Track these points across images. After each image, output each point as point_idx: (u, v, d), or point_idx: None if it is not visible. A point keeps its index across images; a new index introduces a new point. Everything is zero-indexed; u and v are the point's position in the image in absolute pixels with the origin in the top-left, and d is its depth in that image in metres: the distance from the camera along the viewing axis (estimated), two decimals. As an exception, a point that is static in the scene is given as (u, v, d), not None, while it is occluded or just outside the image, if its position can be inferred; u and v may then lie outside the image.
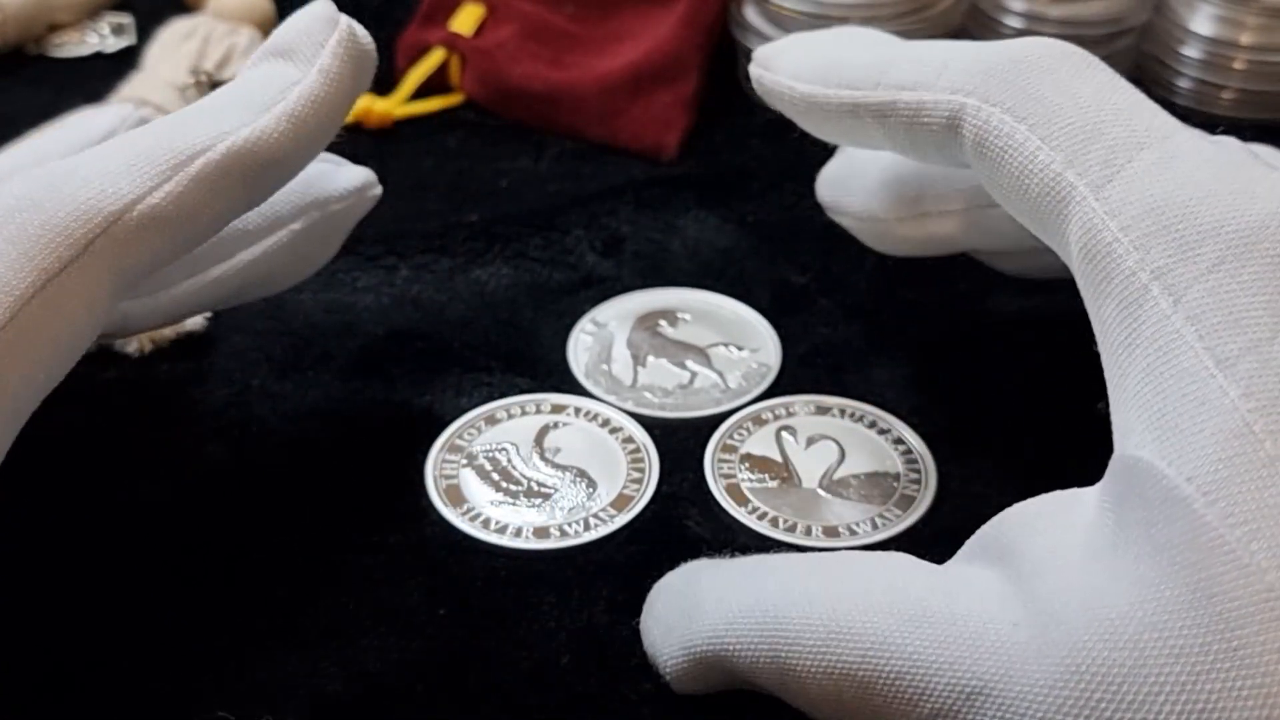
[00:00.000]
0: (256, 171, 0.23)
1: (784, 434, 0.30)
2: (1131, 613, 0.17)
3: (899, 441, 0.29)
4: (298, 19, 0.25)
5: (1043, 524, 0.20)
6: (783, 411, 0.30)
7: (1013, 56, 0.23)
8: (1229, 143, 0.22)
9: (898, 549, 0.22)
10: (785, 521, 0.27)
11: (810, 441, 0.29)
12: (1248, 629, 0.16)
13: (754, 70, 0.28)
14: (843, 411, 0.30)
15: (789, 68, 0.27)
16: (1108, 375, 0.21)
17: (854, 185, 0.30)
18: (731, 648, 0.21)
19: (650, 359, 0.32)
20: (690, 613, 0.22)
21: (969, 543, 0.21)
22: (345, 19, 0.25)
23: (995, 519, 0.21)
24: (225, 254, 0.27)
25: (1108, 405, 0.21)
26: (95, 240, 0.21)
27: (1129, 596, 0.18)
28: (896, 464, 0.29)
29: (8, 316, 0.20)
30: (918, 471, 0.28)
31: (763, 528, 0.27)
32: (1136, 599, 0.17)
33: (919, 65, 0.24)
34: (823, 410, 0.30)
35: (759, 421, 0.30)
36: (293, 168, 0.24)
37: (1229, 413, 0.18)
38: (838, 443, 0.29)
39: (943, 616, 0.19)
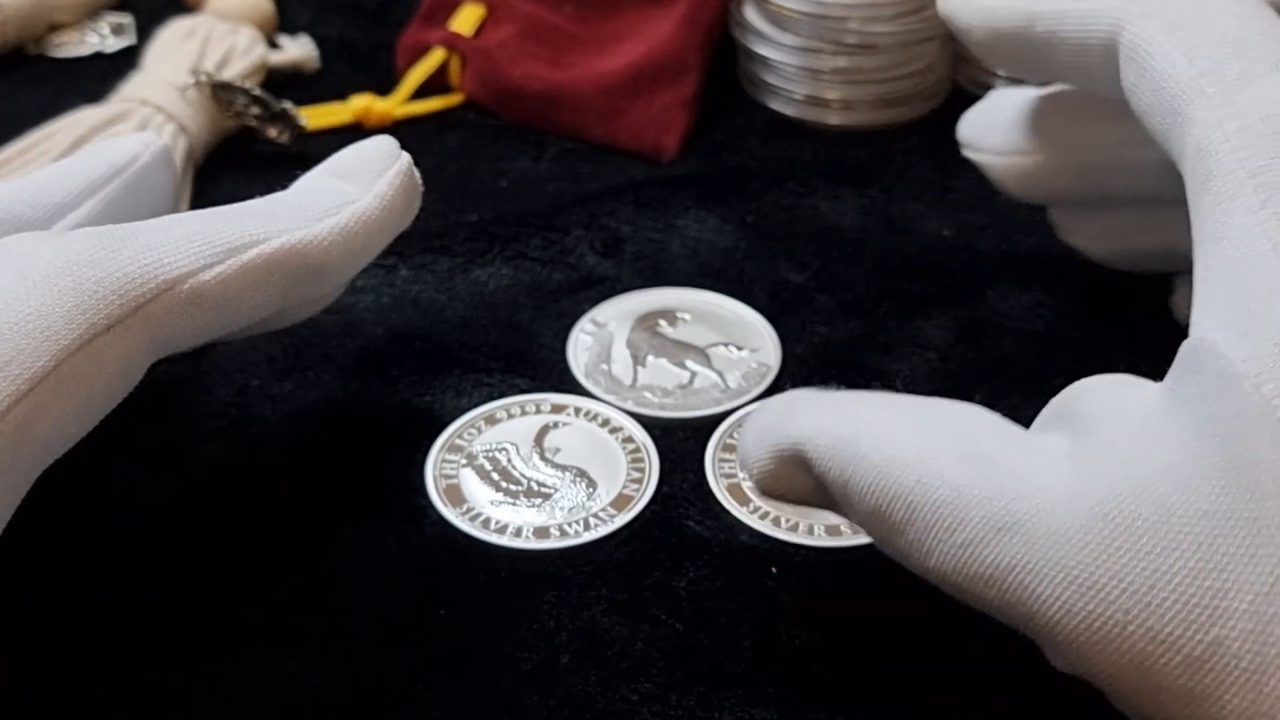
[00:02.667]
0: (300, 274, 0.24)
1: None
2: (1167, 472, 0.18)
3: None
4: (361, 146, 0.27)
5: (1105, 394, 0.21)
6: None
7: None
8: None
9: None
10: (787, 521, 0.27)
11: None
12: (1273, 501, 0.17)
13: (943, 4, 0.30)
14: None
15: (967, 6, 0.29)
16: (1196, 269, 0.22)
17: (999, 119, 0.31)
18: (810, 453, 0.22)
19: (650, 359, 0.32)
20: (787, 417, 0.23)
21: (1043, 411, 0.22)
22: (406, 155, 0.26)
23: (1064, 391, 0.22)
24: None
25: None
26: (145, 305, 0.22)
27: (1167, 459, 0.19)
28: None
29: (52, 365, 0.21)
30: None
31: (764, 527, 0.27)
32: (1174, 461, 0.19)
33: None
34: None
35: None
36: (331, 278, 0.25)
37: None
38: None
39: (994, 457, 0.20)
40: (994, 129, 0.31)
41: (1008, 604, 0.19)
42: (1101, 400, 0.21)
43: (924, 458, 0.20)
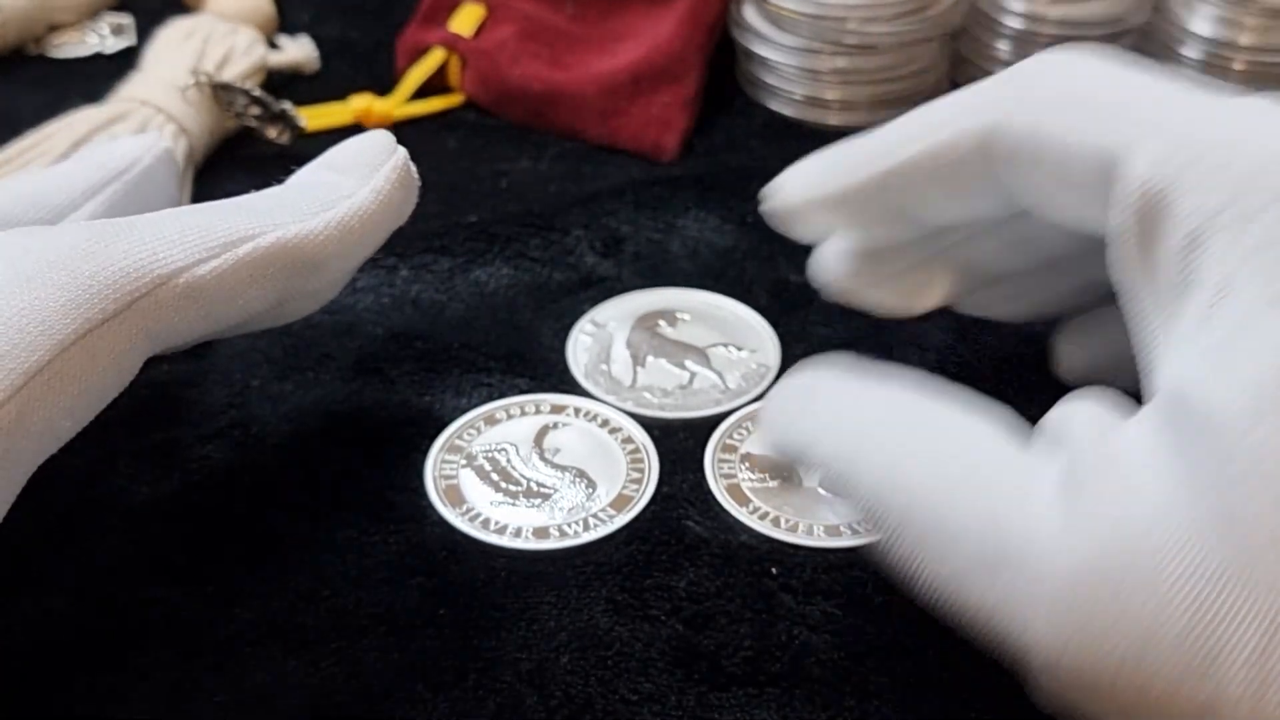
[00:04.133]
0: (295, 268, 0.24)
1: None
2: (1157, 526, 0.18)
3: None
4: (358, 141, 0.26)
5: (1092, 427, 0.20)
6: None
7: (1017, 72, 0.24)
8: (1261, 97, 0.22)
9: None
10: (787, 521, 0.27)
11: None
12: (1266, 557, 0.17)
13: (768, 206, 0.28)
14: None
15: (800, 180, 0.28)
16: (1146, 326, 0.21)
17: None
18: (815, 460, 0.23)
19: (650, 359, 0.32)
20: (796, 419, 0.23)
21: (1038, 428, 0.22)
22: (402, 150, 0.26)
23: (1056, 408, 0.21)
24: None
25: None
26: (139, 300, 0.22)
27: (1160, 509, 0.18)
28: None
29: (46, 360, 0.21)
30: None
31: (764, 527, 0.27)
32: (1165, 514, 0.18)
33: (925, 117, 0.25)
34: None
35: (759, 421, 0.30)
36: (328, 273, 0.25)
37: (1276, 349, 0.18)
38: None
39: (986, 485, 0.20)
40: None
41: (995, 639, 0.19)
42: (1089, 436, 0.20)
43: (919, 480, 0.20)
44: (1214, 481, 0.18)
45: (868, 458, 0.21)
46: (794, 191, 0.28)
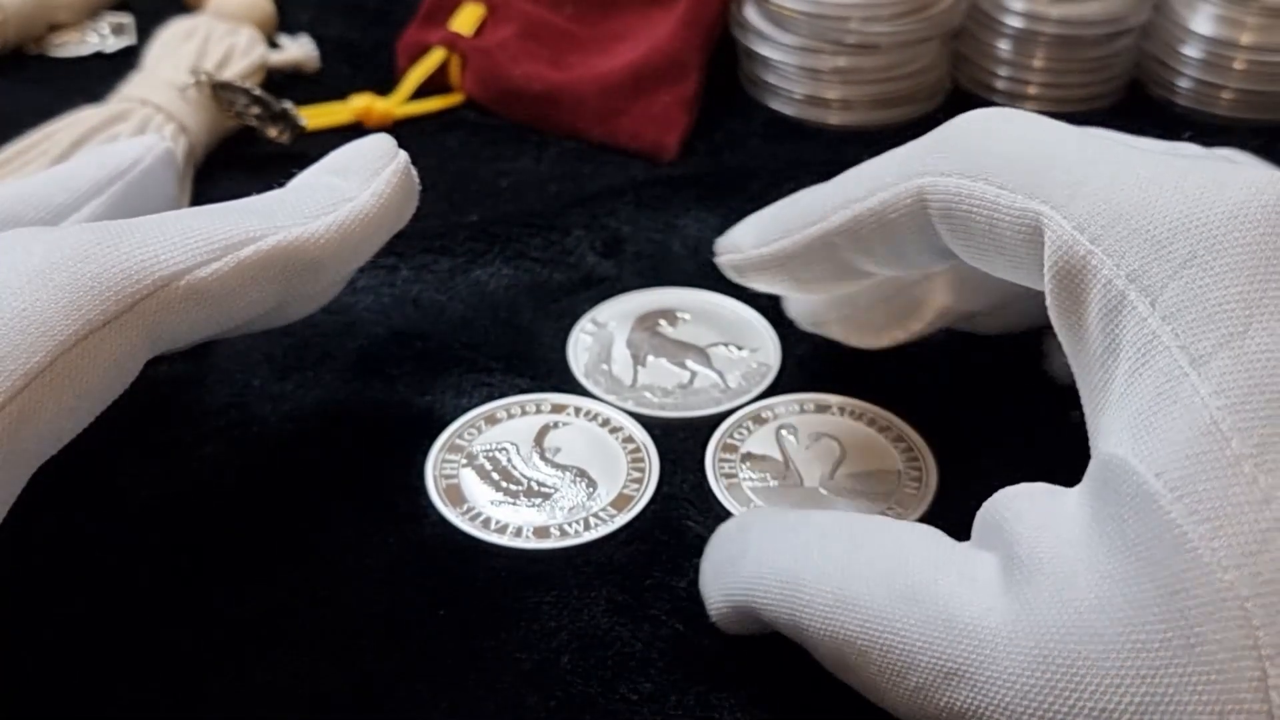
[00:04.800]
0: (295, 270, 0.24)
1: (784, 433, 0.30)
2: (1099, 606, 0.18)
3: (900, 439, 0.29)
4: (359, 145, 0.26)
5: (1029, 513, 0.20)
6: (782, 410, 0.30)
7: (946, 133, 0.24)
8: (1187, 147, 0.22)
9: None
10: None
11: (811, 440, 0.29)
12: (1205, 627, 0.17)
13: (721, 261, 0.29)
14: (843, 410, 0.30)
15: (750, 239, 0.28)
16: (1085, 388, 0.21)
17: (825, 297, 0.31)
18: (759, 603, 0.23)
19: (650, 359, 0.32)
20: (734, 562, 0.24)
21: (975, 521, 0.22)
22: (403, 154, 0.26)
23: (990, 501, 0.21)
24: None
25: (1082, 414, 0.21)
26: (141, 302, 0.22)
27: (1098, 591, 0.18)
28: (897, 462, 0.29)
29: (47, 361, 0.21)
30: (918, 469, 0.28)
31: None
32: (1105, 594, 0.18)
33: (863, 177, 0.25)
34: (823, 409, 0.30)
35: (759, 420, 0.30)
36: (328, 276, 0.25)
37: (1199, 410, 0.18)
38: (839, 441, 0.29)
39: (929, 595, 0.20)
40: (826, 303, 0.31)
41: None
42: (1026, 521, 0.20)
43: (865, 600, 0.21)
44: (1149, 555, 0.18)
45: (814, 588, 0.21)
46: (741, 250, 0.28)
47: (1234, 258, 0.19)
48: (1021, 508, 0.20)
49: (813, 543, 0.22)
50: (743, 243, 0.28)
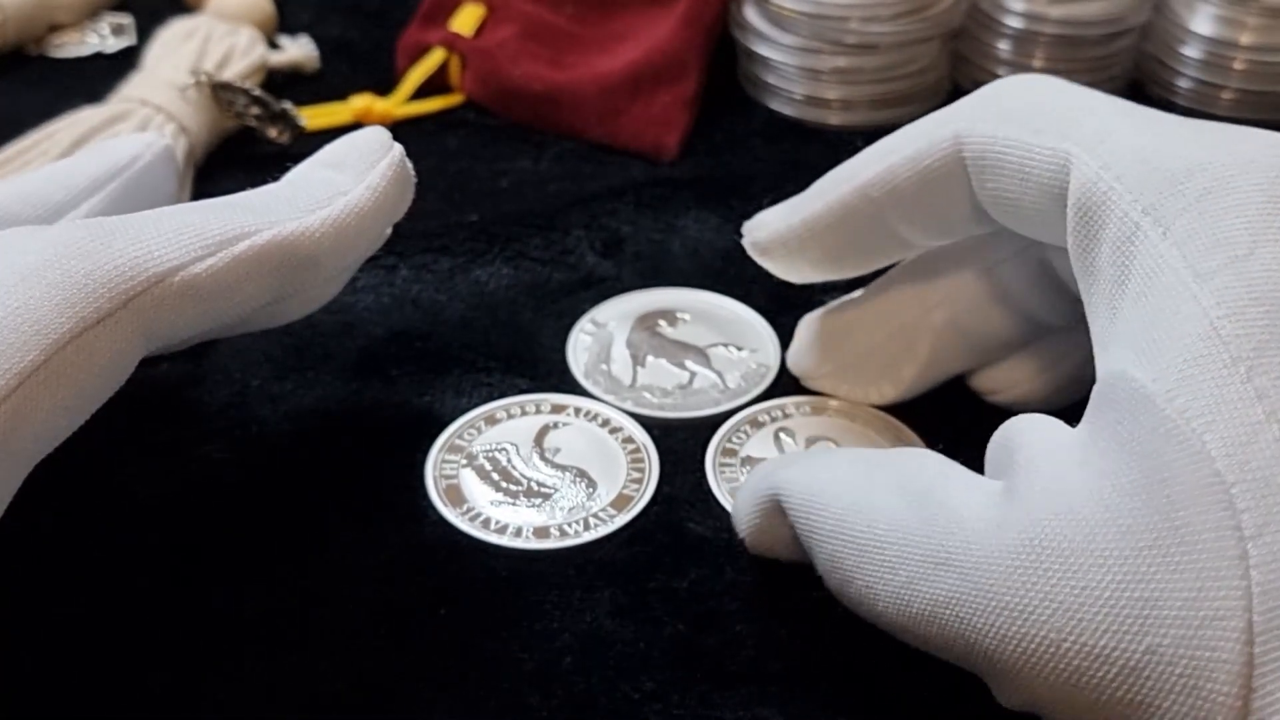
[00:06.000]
0: (291, 266, 0.24)
1: (782, 435, 0.30)
2: (1088, 495, 0.19)
3: (899, 441, 0.29)
4: (353, 138, 0.26)
5: (1032, 433, 0.21)
6: (779, 414, 0.30)
7: (982, 93, 0.25)
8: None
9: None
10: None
11: (809, 443, 0.29)
12: (1191, 509, 0.18)
13: (747, 240, 0.29)
14: (840, 411, 0.30)
15: (779, 212, 0.28)
16: (1094, 322, 0.22)
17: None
18: (785, 500, 0.24)
19: (649, 359, 0.32)
20: (768, 475, 0.25)
21: (987, 451, 0.23)
22: (398, 146, 0.26)
23: (1000, 428, 0.22)
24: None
25: None
26: (135, 299, 0.22)
27: (1088, 482, 0.19)
28: None
29: (42, 359, 0.21)
30: None
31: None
32: (1095, 484, 0.19)
33: (898, 136, 0.26)
34: (820, 410, 0.30)
35: (756, 424, 0.30)
36: (324, 270, 0.25)
37: (1199, 318, 0.19)
38: (836, 443, 0.29)
39: (934, 500, 0.21)
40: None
41: (949, 640, 0.20)
42: (1028, 439, 0.21)
43: (875, 505, 0.22)
44: (1141, 448, 0.19)
45: (831, 493, 0.23)
46: (770, 225, 0.28)
47: (1245, 195, 0.20)
48: (1024, 426, 0.22)
49: (842, 463, 0.24)
50: (769, 218, 0.29)
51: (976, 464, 0.29)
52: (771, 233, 0.28)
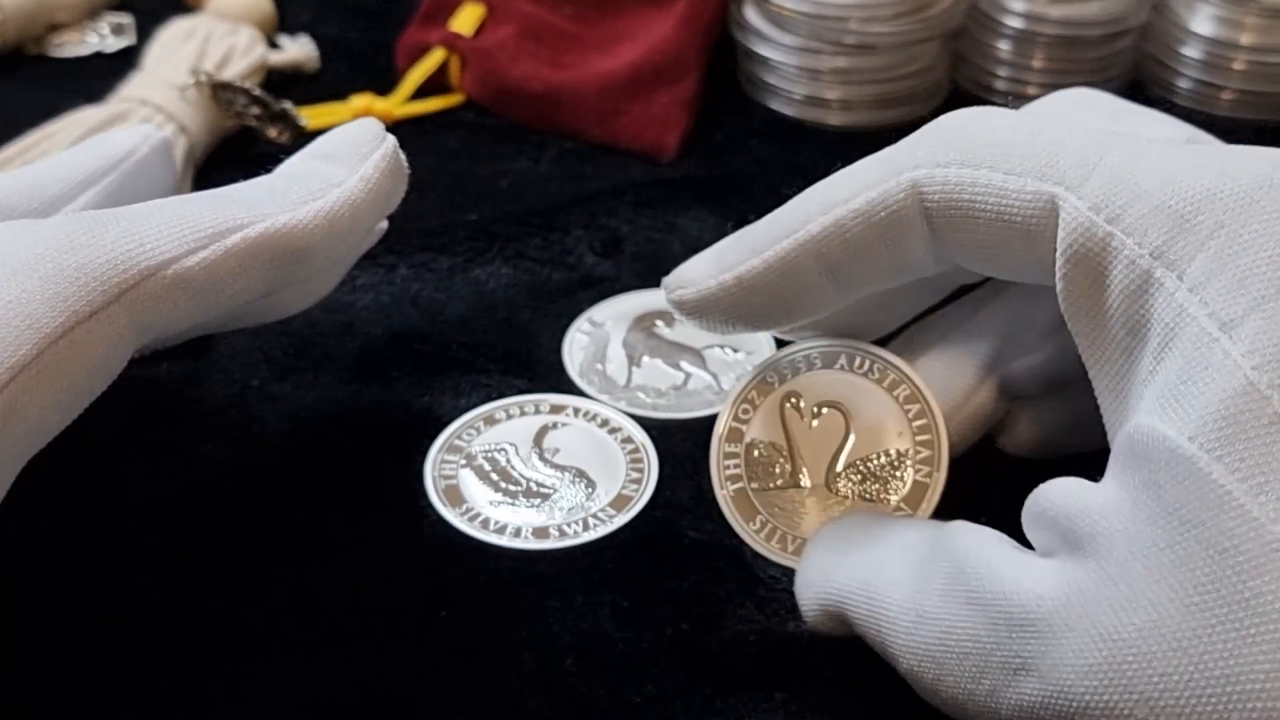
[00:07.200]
0: (284, 258, 0.24)
1: (788, 406, 0.28)
2: (1147, 575, 0.18)
3: (912, 399, 0.27)
4: (346, 129, 0.26)
5: (1064, 499, 0.20)
6: (787, 368, 0.28)
7: (932, 128, 0.23)
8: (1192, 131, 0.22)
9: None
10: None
11: (816, 411, 0.28)
12: (1260, 579, 0.17)
13: (672, 299, 0.27)
14: (851, 360, 0.28)
15: (704, 269, 0.26)
16: (1101, 375, 0.21)
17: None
18: (849, 614, 0.23)
19: (645, 359, 0.32)
20: (827, 573, 0.24)
21: (1023, 517, 0.22)
22: (391, 138, 0.26)
23: (1031, 496, 0.21)
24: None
25: None
26: (127, 292, 0.22)
27: (1143, 560, 0.18)
28: (907, 437, 0.27)
29: (35, 353, 0.21)
30: (930, 446, 0.27)
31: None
32: (1150, 562, 0.18)
33: (841, 183, 0.24)
34: (830, 362, 0.28)
35: (764, 388, 0.28)
36: (317, 262, 0.25)
37: (1231, 372, 0.18)
38: (844, 413, 0.28)
39: (994, 597, 0.20)
40: None
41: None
42: (1062, 505, 0.20)
43: (939, 615, 0.21)
44: (1191, 516, 0.18)
45: (897, 603, 0.22)
46: (693, 284, 0.26)
47: (1262, 224, 0.19)
48: (1056, 494, 0.21)
49: (888, 558, 0.23)
50: (695, 275, 0.26)
51: (979, 464, 0.29)
52: (700, 293, 0.26)
